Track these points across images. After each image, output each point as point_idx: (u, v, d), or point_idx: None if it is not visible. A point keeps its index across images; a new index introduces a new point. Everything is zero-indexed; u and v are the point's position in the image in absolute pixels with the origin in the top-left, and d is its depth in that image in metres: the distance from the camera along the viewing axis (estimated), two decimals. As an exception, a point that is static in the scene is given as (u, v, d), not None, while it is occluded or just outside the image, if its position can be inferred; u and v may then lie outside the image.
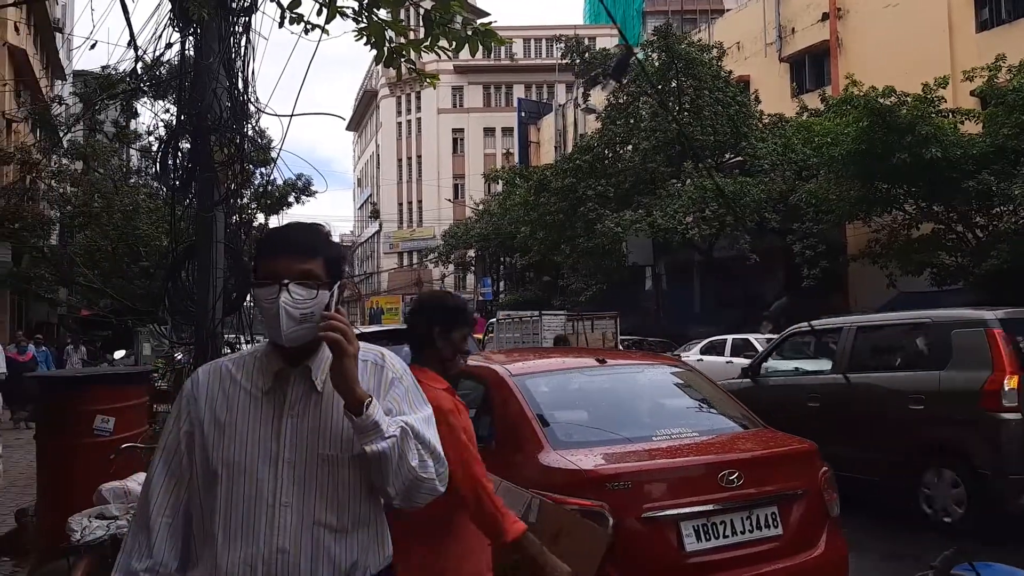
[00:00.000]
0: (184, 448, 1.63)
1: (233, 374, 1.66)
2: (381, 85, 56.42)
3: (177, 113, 5.79)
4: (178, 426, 1.66)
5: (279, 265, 1.66)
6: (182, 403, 1.67)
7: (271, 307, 1.63)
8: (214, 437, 1.59)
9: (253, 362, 1.70)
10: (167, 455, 1.66)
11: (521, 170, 31.72)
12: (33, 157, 21.68)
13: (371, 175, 60.85)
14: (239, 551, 1.59)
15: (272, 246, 1.71)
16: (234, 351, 5.79)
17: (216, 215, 5.47)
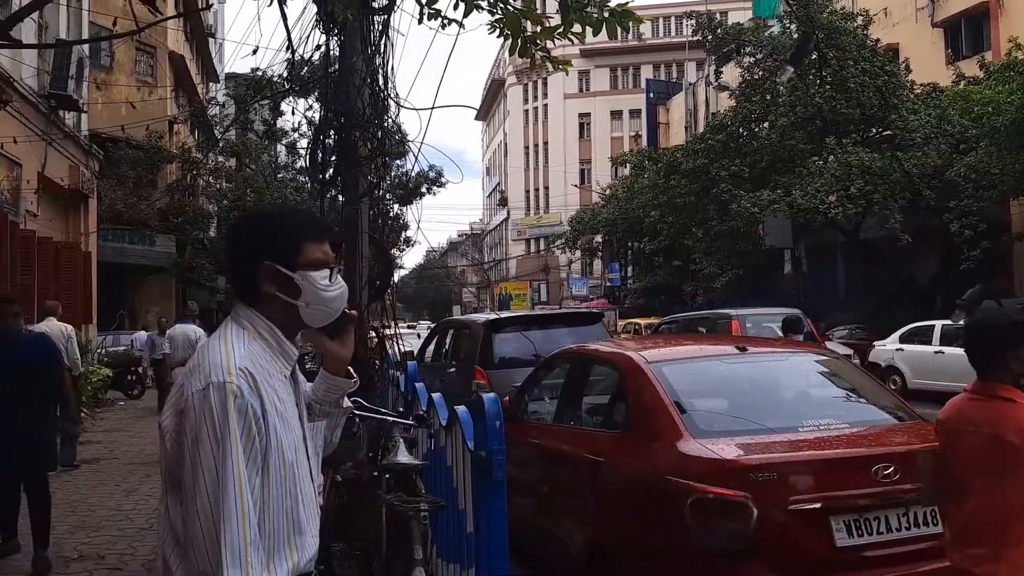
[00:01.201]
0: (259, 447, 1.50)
1: (263, 364, 1.56)
2: (508, 74, 56.95)
3: (323, 111, 6.12)
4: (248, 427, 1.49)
5: (327, 249, 1.68)
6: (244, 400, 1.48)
7: (330, 290, 1.64)
8: (279, 428, 1.54)
9: (266, 347, 1.61)
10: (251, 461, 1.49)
11: (650, 152, 31.14)
12: (193, 156, 23.53)
13: (499, 163, 61.67)
14: (312, 537, 1.64)
15: (318, 231, 1.71)
16: (379, 336, 6.12)
17: (360, 207, 5.75)
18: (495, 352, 7.92)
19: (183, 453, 1.45)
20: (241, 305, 1.63)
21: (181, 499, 1.45)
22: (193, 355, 1.60)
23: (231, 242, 1.73)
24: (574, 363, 5.02)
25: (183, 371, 1.59)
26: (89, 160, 15.56)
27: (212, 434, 1.43)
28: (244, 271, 1.62)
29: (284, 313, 1.63)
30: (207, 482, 1.41)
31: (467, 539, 3.42)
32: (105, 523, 6.17)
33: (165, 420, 1.49)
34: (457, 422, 3.55)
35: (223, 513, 1.41)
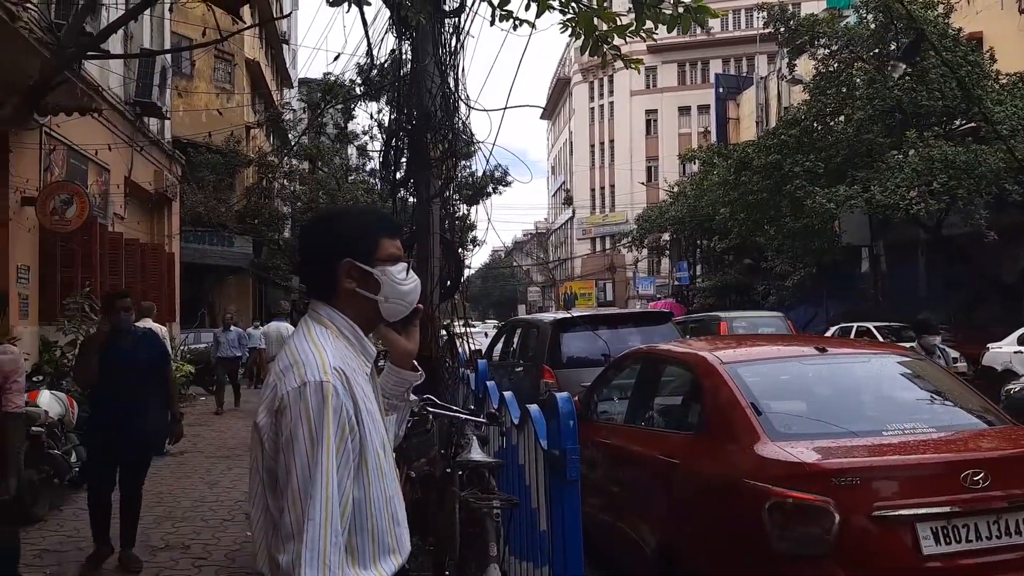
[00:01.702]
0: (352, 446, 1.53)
1: (350, 363, 1.59)
2: (574, 72, 56.75)
3: (396, 114, 6.23)
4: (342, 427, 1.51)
5: (399, 244, 1.72)
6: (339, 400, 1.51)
7: (406, 283, 1.68)
8: (370, 425, 1.57)
9: (349, 346, 1.63)
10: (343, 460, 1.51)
11: (719, 148, 30.54)
12: (269, 160, 24.26)
13: (564, 162, 61.53)
14: (407, 530, 1.67)
15: (391, 227, 1.74)
16: (449, 334, 6.19)
17: (432, 208, 5.83)
18: (563, 351, 7.93)
19: (279, 451, 1.47)
20: (320, 304, 1.66)
21: (276, 496, 1.48)
22: (281, 353, 1.63)
23: (307, 242, 1.75)
24: (645, 363, 4.99)
25: (273, 368, 1.64)
26: (172, 165, 16.22)
27: (307, 433, 1.45)
28: (323, 270, 1.65)
29: (363, 309, 1.67)
30: (299, 481, 1.44)
31: (540, 537, 3.44)
32: (189, 514, 6.44)
33: (261, 420, 1.52)
34: (529, 421, 3.57)
35: (308, 512, 1.43)
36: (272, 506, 1.51)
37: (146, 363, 5.13)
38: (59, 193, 9.35)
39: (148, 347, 5.26)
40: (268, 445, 1.50)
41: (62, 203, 9.27)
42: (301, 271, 1.75)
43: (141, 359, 5.10)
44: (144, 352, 5.16)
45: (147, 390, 5.09)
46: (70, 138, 10.29)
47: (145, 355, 5.15)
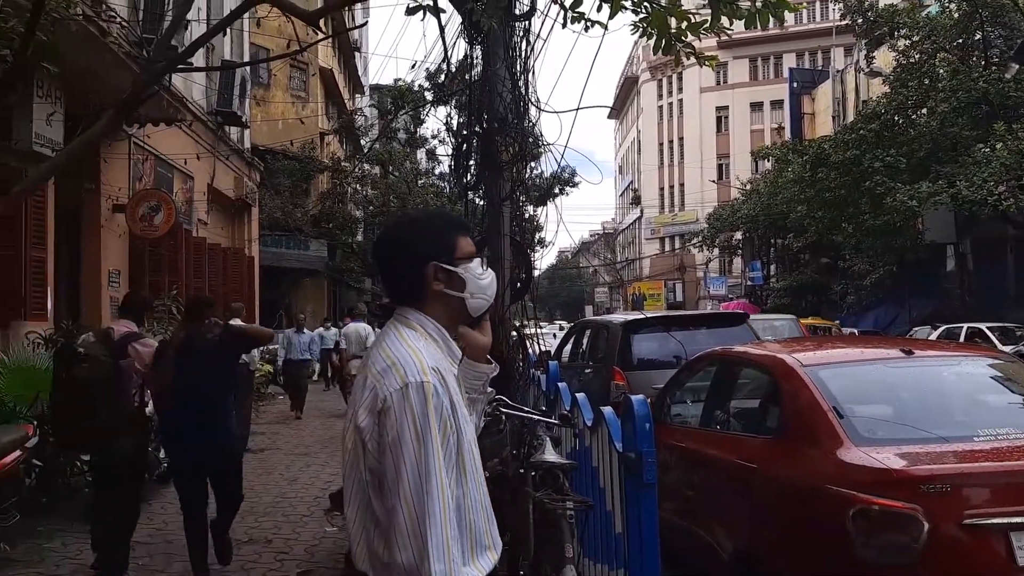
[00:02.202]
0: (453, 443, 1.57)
1: (441, 363, 1.62)
2: (642, 70, 56.18)
3: (467, 118, 6.30)
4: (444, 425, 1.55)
5: (470, 242, 1.75)
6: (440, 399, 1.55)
7: (484, 277, 1.72)
8: (463, 424, 1.61)
9: (437, 348, 1.66)
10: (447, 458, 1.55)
11: (794, 144, 29.73)
12: (342, 165, 24.87)
13: (632, 161, 60.97)
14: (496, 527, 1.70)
15: (462, 226, 1.78)
16: (519, 335, 6.23)
17: (502, 210, 5.88)
18: (634, 353, 7.85)
19: (384, 452, 1.51)
20: (406, 308, 1.69)
21: (383, 495, 1.52)
22: (371, 355, 1.66)
23: (387, 251, 1.75)
24: (721, 366, 4.90)
25: (356, 365, 1.69)
26: (251, 172, 16.81)
27: (414, 433, 1.49)
28: (409, 275, 1.68)
29: (450, 309, 1.71)
30: (410, 480, 1.48)
31: (615, 540, 3.43)
32: (271, 509, 6.65)
33: (362, 421, 1.55)
34: (603, 423, 3.56)
35: (428, 509, 1.47)
36: (377, 506, 1.54)
37: (223, 368, 4.92)
38: (147, 200, 9.81)
39: (226, 351, 4.95)
40: (372, 446, 1.53)
41: (150, 210, 9.72)
42: (384, 279, 1.77)
43: (218, 364, 4.84)
44: (222, 356, 4.88)
45: (224, 394, 4.90)
46: (157, 148, 10.78)
47: (222, 359, 4.90)
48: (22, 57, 3.41)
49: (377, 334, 1.81)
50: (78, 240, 9.60)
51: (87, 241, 9.64)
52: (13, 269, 7.22)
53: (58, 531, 5.89)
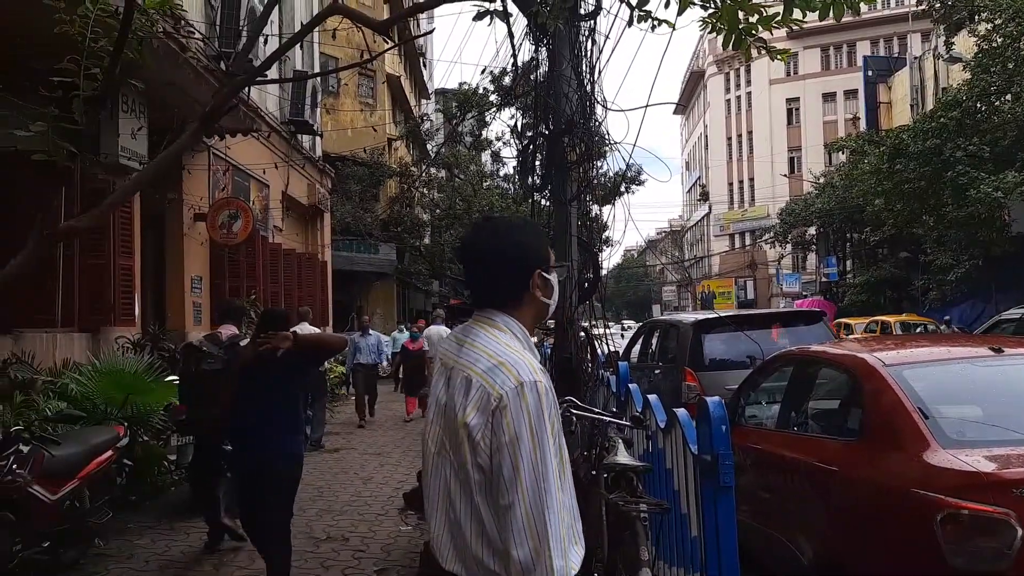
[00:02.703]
0: (559, 442, 1.62)
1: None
2: (708, 64, 55.19)
3: (534, 119, 6.32)
4: (552, 424, 1.60)
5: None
6: (549, 399, 1.60)
7: (557, 283, 1.79)
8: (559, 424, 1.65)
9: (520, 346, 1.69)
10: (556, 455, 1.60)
11: (870, 135, 28.69)
12: (409, 170, 25.26)
13: (699, 157, 59.97)
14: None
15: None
16: (588, 336, 6.20)
17: (569, 211, 5.87)
18: (705, 353, 7.72)
19: (500, 449, 1.53)
20: (492, 311, 1.72)
21: (497, 493, 1.54)
22: (464, 353, 1.66)
23: (500, 254, 1.74)
24: (798, 366, 4.78)
25: (468, 369, 1.68)
26: (323, 179, 17.23)
27: (530, 431, 1.53)
28: (517, 280, 1.72)
29: (536, 313, 1.76)
30: (529, 477, 1.50)
31: (691, 543, 3.39)
32: (347, 508, 6.81)
33: (472, 420, 1.57)
34: (677, 424, 3.52)
35: (547, 505, 1.50)
36: (482, 504, 1.57)
37: (289, 385, 4.48)
38: (226, 209, 10.18)
39: (293, 369, 4.47)
40: (484, 444, 1.55)
41: (229, 218, 10.09)
42: (481, 281, 1.77)
43: (285, 381, 4.45)
44: (290, 373, 4.46)
45: (284, 411, 4.42)
46: (235, 158, 11.17)
47: (290, 376, 4.48)
48: (111, 75, 3.58)
49: (454, 333, 1.82)
50: (162, 248, 10.03)
51: (170, 249, 10.06)
52: (103, 277, 7.59)
53: (146, 528, 6.16)
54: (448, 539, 1.63)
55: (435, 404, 1.73)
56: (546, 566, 1.48)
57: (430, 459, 1.69)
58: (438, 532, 1.65)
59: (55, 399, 6.13)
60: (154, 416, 6.60)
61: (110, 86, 3.54)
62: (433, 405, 1.74)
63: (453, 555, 1.62)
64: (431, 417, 1.73)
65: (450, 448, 1.62)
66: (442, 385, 1.72)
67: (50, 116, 3.43)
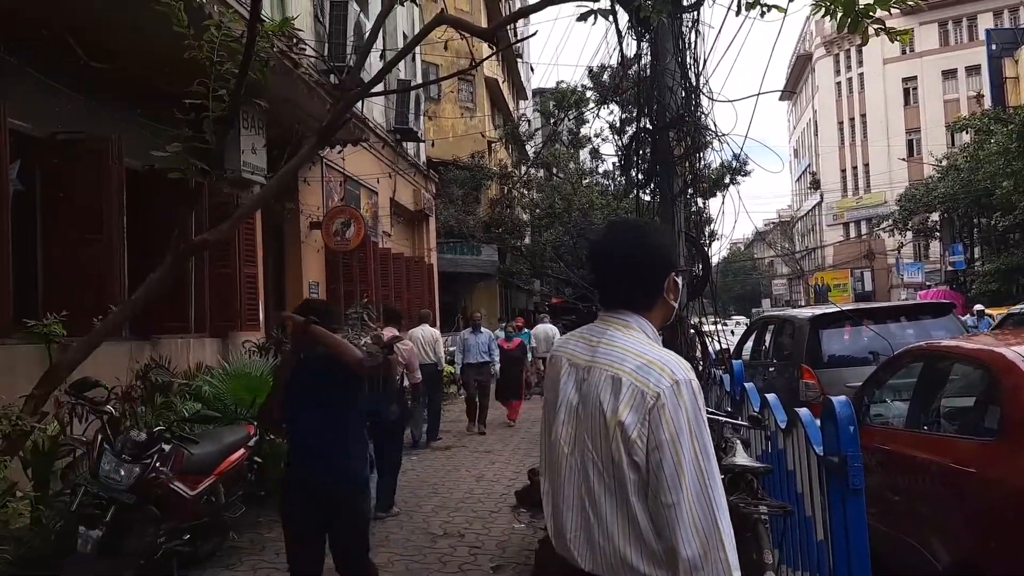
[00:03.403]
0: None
1: None
2: (815, 46, 52.93)
3: (637, 114, 6.26)
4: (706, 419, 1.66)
5: None
6: (702, 396, 1.64)
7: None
8: None
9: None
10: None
11: (996, 113, 26.77)
12: (509, 171, 25.49)
13: (808, 144, 57.58)
14: None
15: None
16: (698, 333, 6.09)
17: (676, 206, 5.78)
18: (823, 350, 7.41)
19: (661, 448, 1.54)
20: (624, 312, 1.74)
21: (658, 492, 1.54)
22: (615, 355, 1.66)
23: (641, 256, 1.76)
24: (928, 362, 4.53)
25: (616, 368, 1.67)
26: (428, 184, 17.65)
27: (689, 429, 1.55)
28: (654, 282, 1.73)
29: (665, 314, 1.79)
30: (692, 474, 1.52)
31: (817, 547, 3.27)
32: (461, 505, 6.95)
33: (626, 418, 1.58)
34: (799, 424, 3.41)
35: (715, 502, 1.52)
36: (640, 504, 1.57)
37: (338, 394, 3.71)
38: (340, 217, 10.61)
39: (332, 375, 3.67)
40: (640, 442, 1.56)
41: (342, 225, 10.52)
42: (617, 284, 1.77)
43: (331, 389, 3.67)
44: (333, 381, 3.67)
45: (336, 426, 3.64)
46: (345, 167, 11.61)
47: (334, 384, 3.68)
48: (237, 96, 3.80)
49: (580, 334, 1.82)
50: (282, 255, 10.55)
51: (289, 256, 10.57)
52: (230, 285, 8.05)
53: (274, 522, 6.45)
54: (585, 539, 1.63)
55: (565, 405, 1.72)
56: (719, 562, 1.49)
57: (563, 460, 1.70)
58: (573, 532, 1.65)
59: (190, 400, 6.55)
60: (279, 416, 6.93)
61: (236, 106, 3.77)
62: (562, 406, 1.73)
63: (591, 555, 1.62)
64: (561, 418, 1.73)
65: (593, 448, 1.62)
66: (572, 385, 1.72)
67: (184, 137, 3.67)
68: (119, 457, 4.43)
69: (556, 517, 1.71)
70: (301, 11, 10.10)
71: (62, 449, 5.00)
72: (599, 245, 1.82)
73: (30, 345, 5.21)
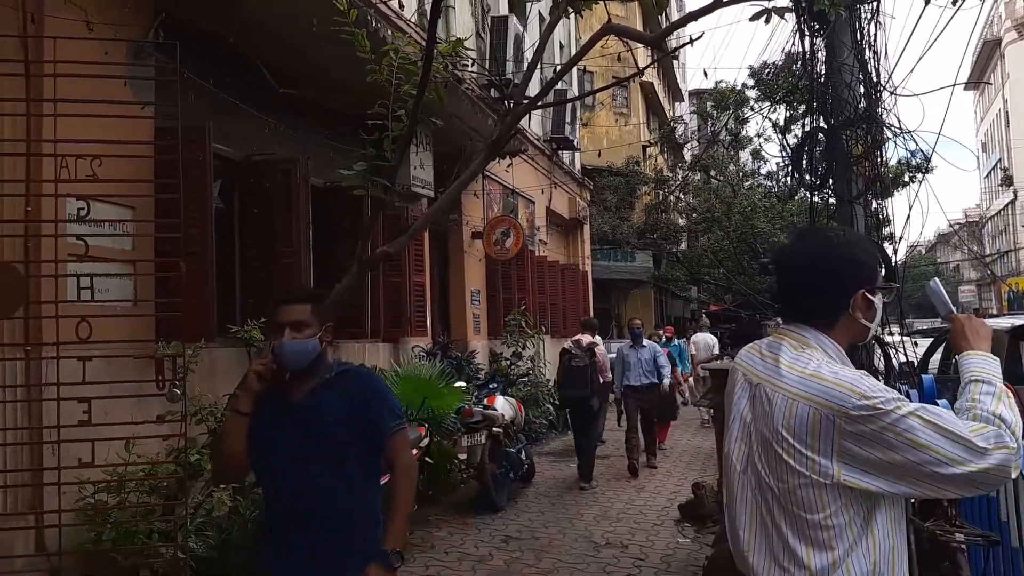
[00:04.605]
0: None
1: None
2: (1005, 30, 48.10)
3: (809, 112, 5.96)
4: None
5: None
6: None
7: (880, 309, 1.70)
8: None
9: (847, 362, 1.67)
10: None
11: None
12: (665, 175, 25.08)
13: (998, 136, 52.33)
14: None
15: (878, 255, 1.77)
16: (881, 345, 5.69)
17: (855, 209, 5.45)
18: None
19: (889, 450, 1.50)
20: (804, 327, 1.66)
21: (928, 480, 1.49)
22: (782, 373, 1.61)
23: (824, 268, 1.68)
24: None
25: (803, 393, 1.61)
26: (582, 191, 17.73)
27: (920, 416, 1.49)
28: (833, 298, 1.65)
29: (852, 335, 1.67)
30: (930, 437, 1.48)
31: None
32: (623, 515, 6.90)
33: (795, 437, 1.54)
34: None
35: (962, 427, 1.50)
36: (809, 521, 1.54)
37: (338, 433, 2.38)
38: (500, 227, 10.90)
39: (344, 399, 2.40)
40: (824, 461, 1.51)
41: (502, 235, 10.78)
42: (796, 296, 1.72)
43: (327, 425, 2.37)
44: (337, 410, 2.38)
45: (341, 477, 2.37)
46: (504, 178, 11.91)
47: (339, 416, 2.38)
48: (415, 115, 4.01)
49: (758, 346, 1.77)
50: (446, 264, 10.97)
51: (453, 265, 10.98)
52: (400, 293, 8.47)
53: (443, 521, 6.75)
54: (763, 559, 1.60)
55: (738, 420, 1.69)
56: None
57: (736, 477, 1.67)
58: (750, 551, 1.62)
59: (367, 402, 6.95)
60: (446, 419, 7.21)
61: (414, 125, 3.98)
62: (735, 420, 1.70)
63: (770, 573, 1.59)
64: (734, 433, 1.70)
65: (767, 467, 1.59)
66: (746, 401, 1.68)
67: (369, 156, 3.92)
68: (308, 453, 4.77)
69: (733, 533, 1.69)
70: (464, 28, 10.49)
71: (258, 444, 5.47)
72: (783, 253, 1.77)
73: (231, 348, 5.75)
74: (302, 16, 5.25)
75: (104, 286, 4.00)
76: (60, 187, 3.79)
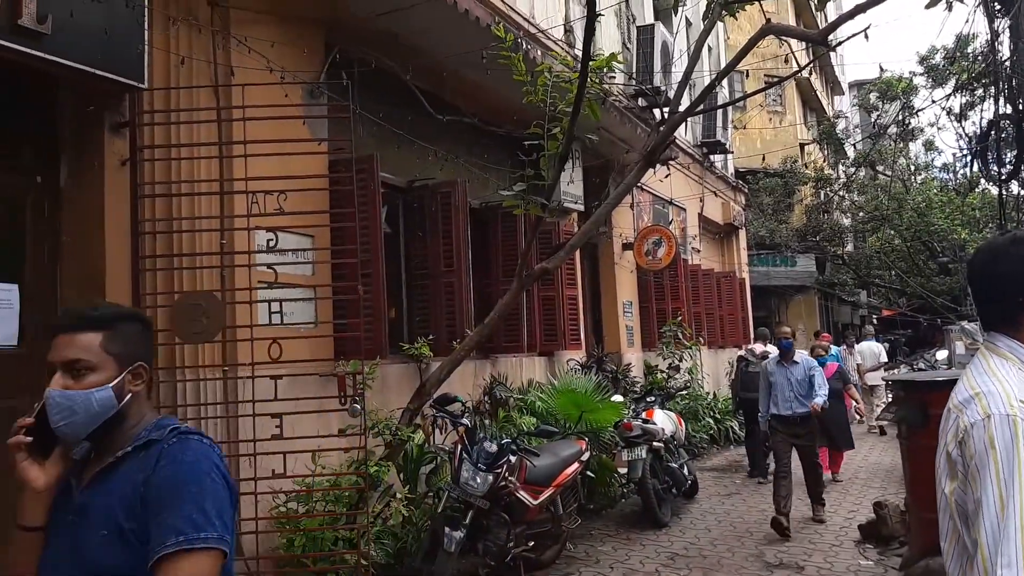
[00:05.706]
0: None
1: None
2: None
3: (994, 100, 5.48)
4: None
5: None
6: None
7: None
8: None
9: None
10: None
11: None
12: (826, 173, 23.75)
13: None
14: None
15: None
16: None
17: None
18: None
19: (969, 482, 1.47)
20: (997, 335, 1.61)
21: (969, 527, 1.48)
22: (959, 386, 1.60)
23: (995, 271, 1.64)
24: None
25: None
26: (736, 195, 17.15)
27: (995, 467, 1.43)
28: (1011, 302, 1.58)
29: None
30: (988, 516, 1.41)
31: None
32: (797, 534, 6.56)
33: (952, 450, 1.53)
34: None
35: (1002, 549, 1.39)
36: (966, 537, 1.51)
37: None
38: (650, 236, 10.75)
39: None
40: (960, 476, 1.51)
41: (653, 244, 10.63)
42: (985, 302, 1.67)
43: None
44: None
45: None
46: (653, 187, 11.75)
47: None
48: (571, 133, 4.06)
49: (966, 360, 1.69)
50: (596, 276, 10.96)
51: (604, 277, 10.95)
52: (554, 306, 8.56)
53: (607, 536, 6.71)
54: (957, 573, 1.55)
55: (942, 436, 1.65)
56: None
57: (940, 494, 1.61)
58: (950, 568, 1.57)
59: (526, 415, 7.07)
60: (604, 432, 7.18)
61: (570, 142, 4.03)
62: (941, 437, 1.65)
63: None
64: (939, 449, 1.64)
65: (942, 482, 1.57)
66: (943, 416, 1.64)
67: (528, 176, 4.02)
68: (475, 466, 4.94)
69: (944, 552, 1.63)
70: (610, 39, 10.49)
71: (426, 456, 5.72)
72: (978, 256, 1.69)
73: (402, 364, 6.05)
74: (465, 45, 5.48)
75: (289, 309, 4.35)
76: (251, 221, 4.17)
